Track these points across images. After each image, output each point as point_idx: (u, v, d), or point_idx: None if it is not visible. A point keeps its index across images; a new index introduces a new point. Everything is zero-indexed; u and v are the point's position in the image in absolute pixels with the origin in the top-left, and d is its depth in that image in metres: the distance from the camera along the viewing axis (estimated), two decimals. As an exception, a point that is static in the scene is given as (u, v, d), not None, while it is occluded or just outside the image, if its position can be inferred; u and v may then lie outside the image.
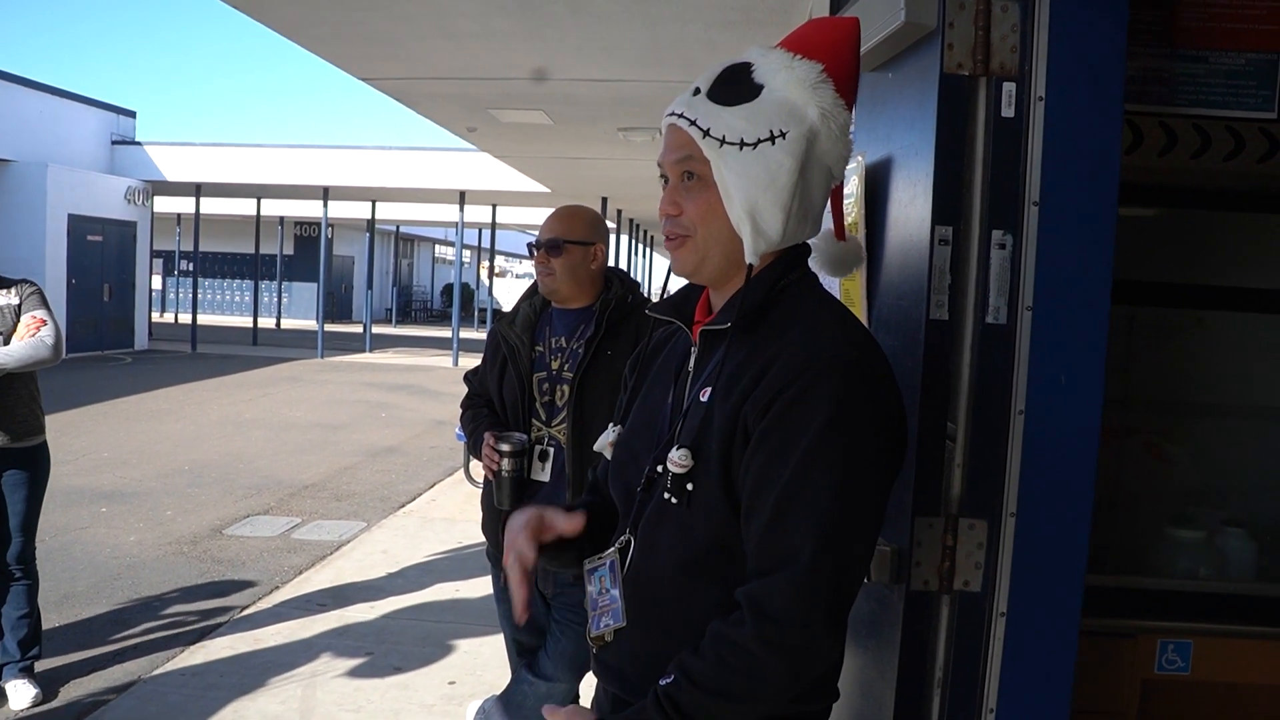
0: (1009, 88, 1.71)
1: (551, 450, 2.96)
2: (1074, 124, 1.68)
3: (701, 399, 1.45)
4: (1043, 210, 1.68)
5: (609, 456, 1.66)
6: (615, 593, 1.53)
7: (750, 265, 1.46)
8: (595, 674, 1.62)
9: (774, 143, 1.42)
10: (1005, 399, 1.71)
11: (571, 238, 2.95)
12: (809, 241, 1.57)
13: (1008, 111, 1.72)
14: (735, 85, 1.47)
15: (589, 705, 1.69)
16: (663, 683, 1.36)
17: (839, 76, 1.47)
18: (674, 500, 1.44)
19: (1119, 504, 2.50)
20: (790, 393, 1.34)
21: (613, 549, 1.56)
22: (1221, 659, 2.17)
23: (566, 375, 2.95)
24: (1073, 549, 1.72)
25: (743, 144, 1.42)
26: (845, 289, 2.15)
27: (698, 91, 1.49)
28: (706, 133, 1.44)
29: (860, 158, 2.09)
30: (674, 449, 1.43)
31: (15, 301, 3.88)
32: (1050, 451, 1.70)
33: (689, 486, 1.43)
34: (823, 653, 1.34)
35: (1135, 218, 2.36)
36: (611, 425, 1.69)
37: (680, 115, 1.48)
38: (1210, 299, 2.44)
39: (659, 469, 1.47)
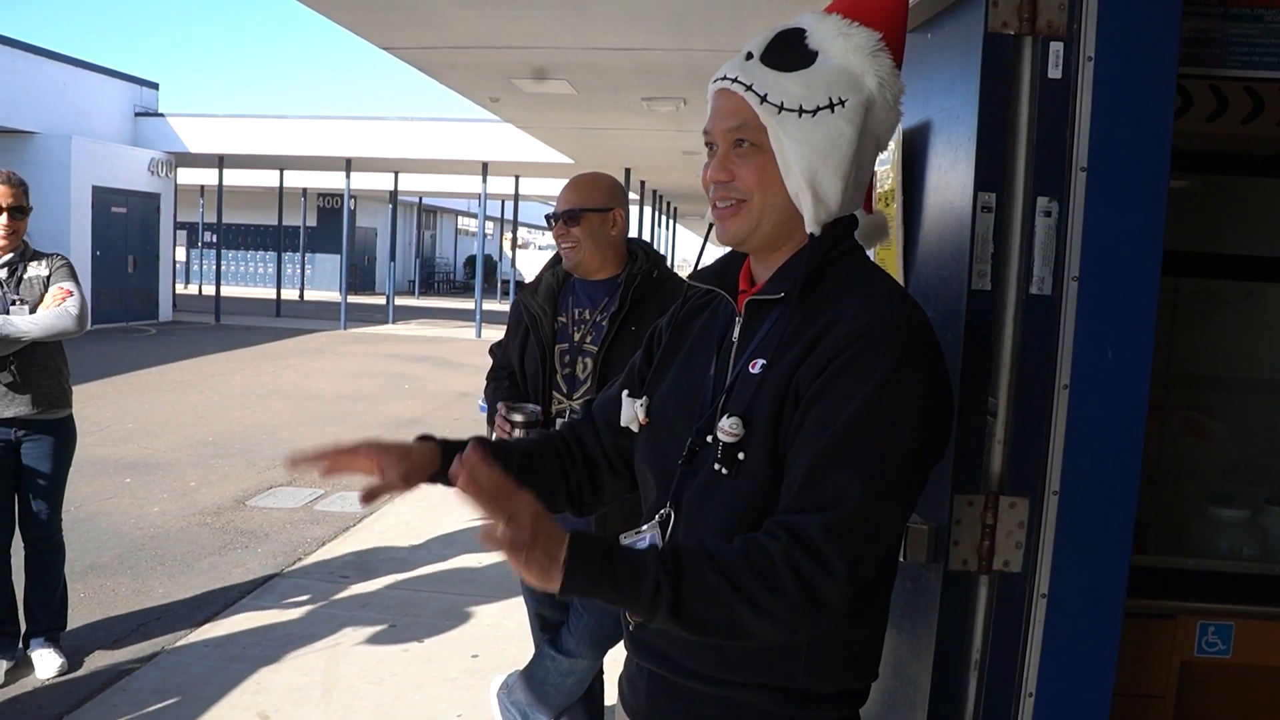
0: (1056, 47, 1.64)
1: (572, 423, 2.92)
2: (1125, 86, 1.61)
3: (751, 370, 1.40)
4: (1090, 176, 1.61)
5: (635, 429, 1.61)
6: None
7: (812, 235, 1.41)
8: (631, 651, 1.56)
9: (834, 110, 1.37)
10: (1049, 373, 1.65)
11: (588, 205, 2.89)
12: None
13: (1054, 73, 1.65)
14: (790, 51, 1.41)
15: (618, 680, 1.64)
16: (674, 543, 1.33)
17: (894, 46, 1.43)
18: (724, 471, 1.39)
19: (1159, 482, 2.43)
20: (846, 356, 1.30)
21: (653, 523, 1.50)
22: (1264, 642, 2.11)
23: (589, 348, 2.90)
24: (1117, 529, 1.66)
25: (801, 111, 1.37)
26: (881, 258, 2.08)
27: (750, 56, 1.43)
28: (764, 98, 1.38)
29: (897, 122, 2.01)
30: (725, 418, 1.39)
31: (45, 273, 3.89)
32: (1096, 428, 1.64)
33: (740, 456, 1.38)
34: (828, 606, 1.26)
35: (1182, 185, 2.28)
36: (628, 395, 1.61)
37: (735, 80, 1.42)
38: (1259, 270, 2.36)
39: (707, 439, 1.42)
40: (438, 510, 6.78)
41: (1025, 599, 1.68)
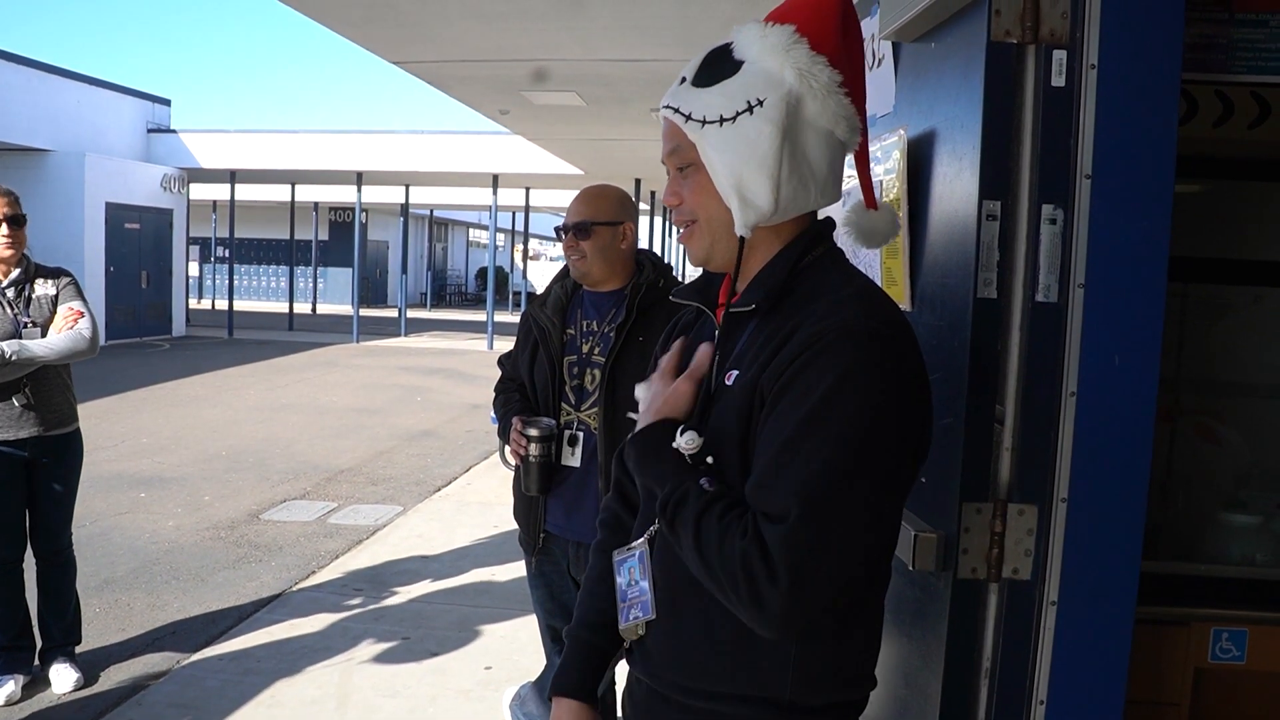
0: (1059, 56, 1.65)
1: (581, 435, 2.93)
2: (1129, 93, 1.61)
3: (727, 382, 1.41)
4: (1095, 183, 1.62)
5: None
6: (644, 584, 1.50)
7: (742, 238, 1.42)
8: (629, 665, 1.58)
9: (752, 112, 1.38)
10: (1056, 380, 1.65)
11: (599, 218, 2.90)
12: (839, 216, 1.53)
13: (1058, 81, 1.65)
14: (717, 67, 1.44)
15: (621, 694, 1.65)
16: (702, 481, 1.35)
17: (816, 34, 1.41)
18: None
19: (1170, 488, 2.43)
20: (800, 362, 1.29)
21: (642, 539, 1.52)
22: (1278, 648, 2.10)
23: (597, 359, 2.91)
24: (1127, 536, 1.66)
25: (721, 120, 1.39)
26: (888, 267, 2.09)
27: (684, 81, 1.47)
28: (689, 117, 1.42)
29: (902, 131, 2.02)
30: (683, 433, 1.39)
31: (52, 292, 3.90)
32: (1103, 435, 1.64)
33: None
34: (768, 612, 1.26)
35: (1189, 190, 2.28)
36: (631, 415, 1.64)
37: (666, 105, 1.46)
38: (1267, 275, 2.35)
39: None
40: (450, 523, 6.80)
41: (1035, 607, 1.68)
